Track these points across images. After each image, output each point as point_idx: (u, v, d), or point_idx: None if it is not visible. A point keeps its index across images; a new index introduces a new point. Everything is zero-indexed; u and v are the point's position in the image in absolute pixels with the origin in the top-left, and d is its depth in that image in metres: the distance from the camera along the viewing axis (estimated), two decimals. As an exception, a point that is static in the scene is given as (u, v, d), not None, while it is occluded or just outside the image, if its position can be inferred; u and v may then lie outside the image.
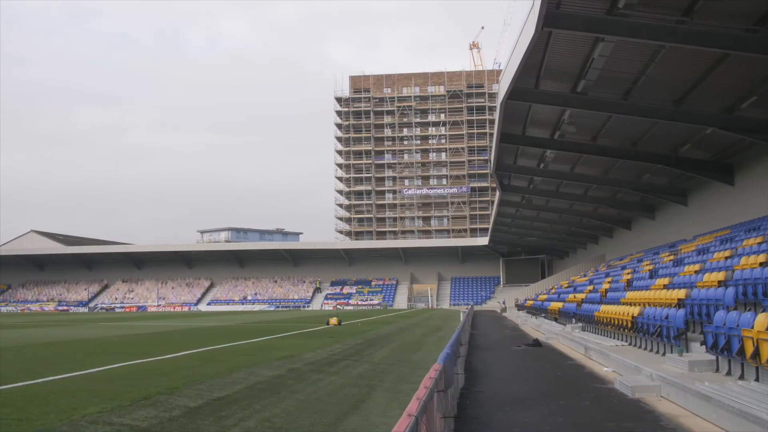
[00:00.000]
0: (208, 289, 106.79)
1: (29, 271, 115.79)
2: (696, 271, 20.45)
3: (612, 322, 21.20)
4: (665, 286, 20.80)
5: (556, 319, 35.03)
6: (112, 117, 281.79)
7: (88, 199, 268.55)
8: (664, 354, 15.59)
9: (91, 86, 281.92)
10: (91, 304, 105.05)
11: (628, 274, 31.39)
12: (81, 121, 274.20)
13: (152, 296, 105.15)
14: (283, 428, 8.50)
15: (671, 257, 28.84)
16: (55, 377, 12.30)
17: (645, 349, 17.48)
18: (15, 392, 10.50)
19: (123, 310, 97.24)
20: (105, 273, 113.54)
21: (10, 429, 7.64)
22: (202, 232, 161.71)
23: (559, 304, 36.07)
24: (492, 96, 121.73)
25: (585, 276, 49.56)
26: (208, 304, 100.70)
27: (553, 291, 53.17)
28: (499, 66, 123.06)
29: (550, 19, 17.78)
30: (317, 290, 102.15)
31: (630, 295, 23.16)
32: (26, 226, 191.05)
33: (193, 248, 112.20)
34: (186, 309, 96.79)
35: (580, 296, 33.20)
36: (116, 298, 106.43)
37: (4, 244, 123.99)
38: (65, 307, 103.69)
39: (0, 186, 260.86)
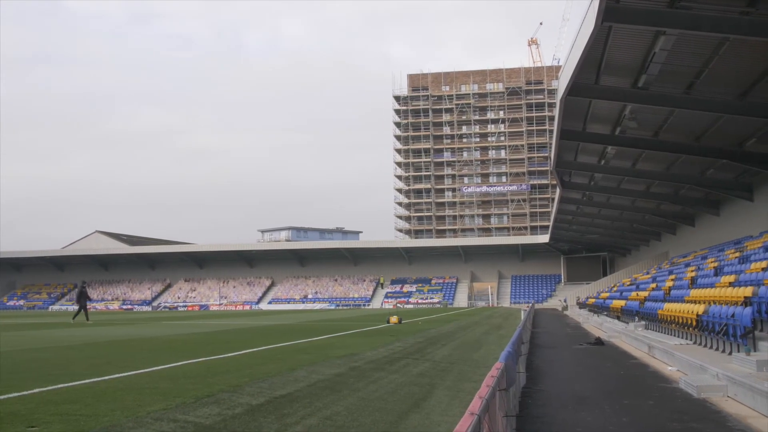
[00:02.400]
0: (269, 288, 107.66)
1: (94, 271, 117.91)
2: (763, 269, 20.00)
3: (676, 320, 20.89)
4: (731, 284, 20.40)
5: (618, 318, 34.63)
6: (174, 118, 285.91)
7: (152, 200, 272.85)
8: (730, 353, 15.30)
9: (154, 88, 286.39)
10: (155, 303, 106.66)
11: (692, 271, 30.88)
12: (144, 122, 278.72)
13: (214, 295, 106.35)
14: (345, 426, 8.52)
15: (737, 254, 28.27)
16: (120, 375, 12.50)
17: (710, 347, 17.17)
18: (83, 389, 10.69)
19: (185, 309, 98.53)
20: (168, 272, 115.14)
21: (79, 425, 7.78)
22: (263, 232, 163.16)
23: (622, 302, 35.64)
24: (551, 92, 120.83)
25: (648, 273, 48.88)
26: (269, 302, 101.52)
27: (615, 289, 52.58)
28: (558, 62, 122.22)
29: (610, 14, 17.55)
30: (380, 286, 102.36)
31: (694, 292, 22.77)
32: (91, 227, 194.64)
33: (254, 248, 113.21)
34: (247, 308, 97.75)
35: (643, 294, 32.75)
36: (179, 297, 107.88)
37: (70, 245, 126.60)
38: (129, 306, 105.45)
39: (66, 188, 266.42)
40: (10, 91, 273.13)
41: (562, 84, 25.30)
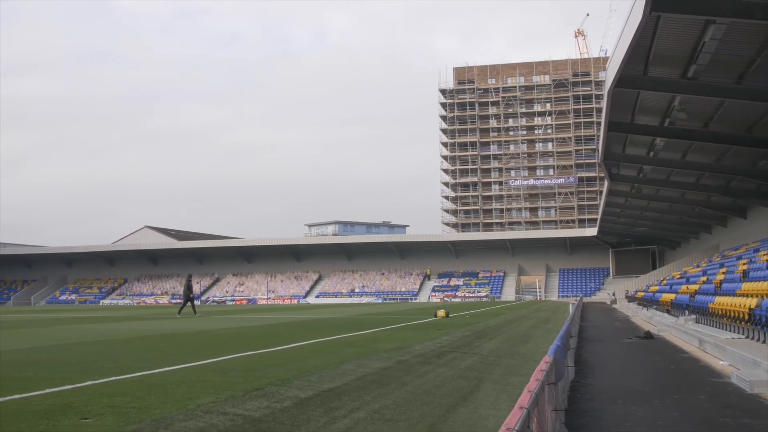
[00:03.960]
0: (316, 282, 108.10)
1: (144, 266, 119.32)
2: (817, 261, 19.66)
3: (727, 314, 20.60)
4: (784, 277, 20.07)
5: (668, 311, 34.27)
6: (222, 114, 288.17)
7: (199, 195, 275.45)
8: (784, 347, 15.06)
9: (202, 84, 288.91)
10: (203, 298, 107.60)
11: (743, 264, 30.42)
12: (192, 118, 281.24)
13: (262, 289, 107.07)
14: (393, 420, 8.53)
15: (790, 246, 27.80)
16: (170, 368, 12.64)
17: (764, 342, 16.91)
18: (134, 382, 10.84)
19: (234, 302, 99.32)
20: (216, 267, 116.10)
21: (130, 417, 7.89)
22: (310, 226, 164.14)
23: (671, 296, 35.26)
24: (599, 84, 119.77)
25: (698, 267, 48.29)
26: (317, 296, 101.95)
27: (664, 282, 52.01)
28: (606, 53, 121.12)
29: (658, 3, 17.31)
30: (426, 278, 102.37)
31: (746, 286, 22.44)
32: (140, 222, 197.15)
33: (302, 242, 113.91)
34: (295, 301, 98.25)
35: (693, 287, 32.37)
36: (227, 291, 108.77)
37: (119, 240, 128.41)
38: (178, 301, 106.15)
39: (115, 183, 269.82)
40: (61, 89, 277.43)
41: (609, 75, 25.03)
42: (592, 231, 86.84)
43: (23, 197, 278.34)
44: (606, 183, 47.14)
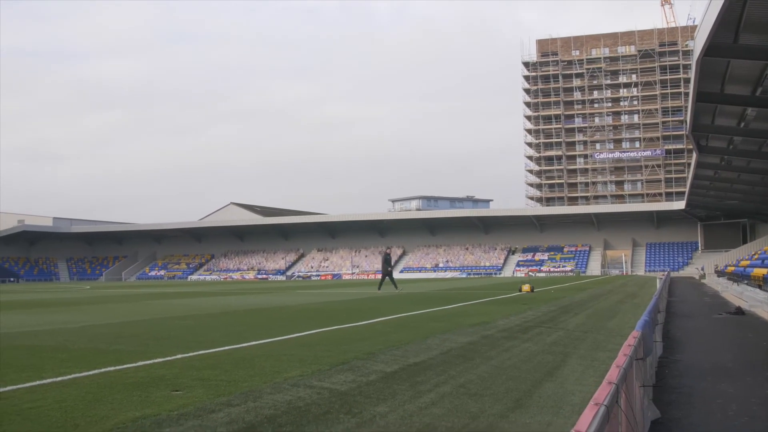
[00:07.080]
0: (400, 257, 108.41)
1: (230, 242, 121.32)
2: None
3: (823, 288, 20.03)
4: None
5: (760, 286, 33.45)
6: (306, 91, 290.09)
7: (284, 171, 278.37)
8: None
9: (286, 62, 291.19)
10: (289, 273, 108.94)
11: (840, 237, 29.45)
12: (276, 96, 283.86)
13: (346, 264, 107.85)
14: (478, 394, 8.53)
15: None
16: (257, 342, 12.83)
17: None
18: (222, 355, 11.05)
19: (319, 278, 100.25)
20: (301, 242, 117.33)
21: (219, 389, 8.06)
22: (394, 201, 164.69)
23: (763, 271, 34.37)
24: (686, 54, 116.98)
25: (792, 240, 46.98)
26: (401, 271, 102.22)
27: (756, 256, 50.74)
28: (693, 21, 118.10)
29: (750, -31, 16.80)
30: (511, 252, 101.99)
31: (843, 259, 21.74)
32: (226, 199, 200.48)
33: (386, 217, 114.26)
34: (380, 276, 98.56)
35: (787, 261, 31.53)
36: (312, 267, 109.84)
37: (206, 216, 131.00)
38: (264, 276, 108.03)
39: (202, 161, 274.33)
40: (148, 69, 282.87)
41: (698, 45, 24.38)
42: (680, 204, 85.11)
43: (113, 176, 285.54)
44: (694, 155, 46.09)
